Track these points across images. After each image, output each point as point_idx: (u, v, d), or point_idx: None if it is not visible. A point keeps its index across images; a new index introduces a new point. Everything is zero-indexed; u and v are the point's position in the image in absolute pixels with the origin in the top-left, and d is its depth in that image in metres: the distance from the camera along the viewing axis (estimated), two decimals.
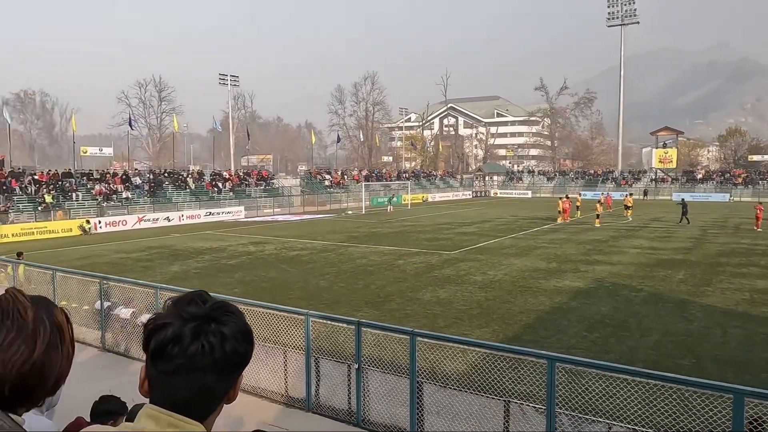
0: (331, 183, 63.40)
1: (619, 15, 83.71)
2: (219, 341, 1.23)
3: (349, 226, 36.86)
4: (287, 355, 9.01)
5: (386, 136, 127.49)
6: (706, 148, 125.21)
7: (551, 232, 32.40)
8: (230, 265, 21.57)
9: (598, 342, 11.62)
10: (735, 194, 68.51)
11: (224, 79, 64.54)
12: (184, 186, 48.65)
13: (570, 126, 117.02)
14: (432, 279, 18.34)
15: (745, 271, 19.30)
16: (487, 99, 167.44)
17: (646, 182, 77.78)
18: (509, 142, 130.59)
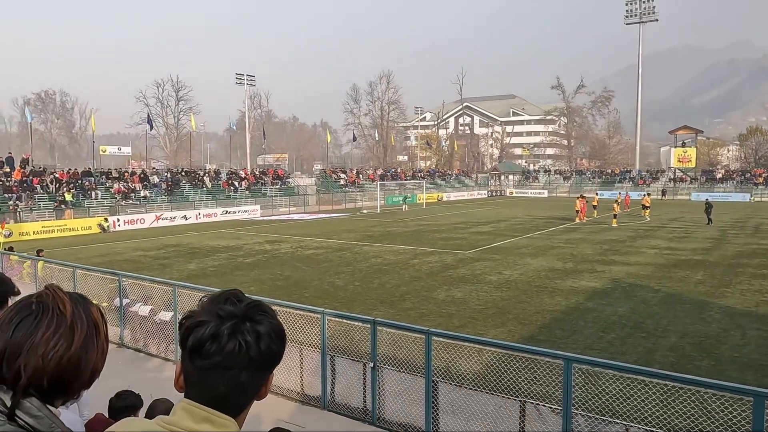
0: (346, 182, 63.54)
1: (637, 12, 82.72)
2: (255, 340, 1.27)
3: (364, 225, 36.93)
4: (303, 353, 9.07)
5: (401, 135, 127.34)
6: (726, 148, 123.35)
7: (567, 231, 32.17)
8: (246, 264, 21.74)
9: (614, 343, 11.53)
10: (756, 194, 67.39)
11: (241, 79, 64.98)
12: (200, 185, 49.10)
13: (587, 125, 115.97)
14: (447, 278, 18.32)
15: (766, 272, 19.00)
16: (503, 98, 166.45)
17: (664, 182, 76.81)
18: (525, 141, 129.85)
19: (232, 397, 1.27)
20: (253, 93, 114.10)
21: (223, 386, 1.26)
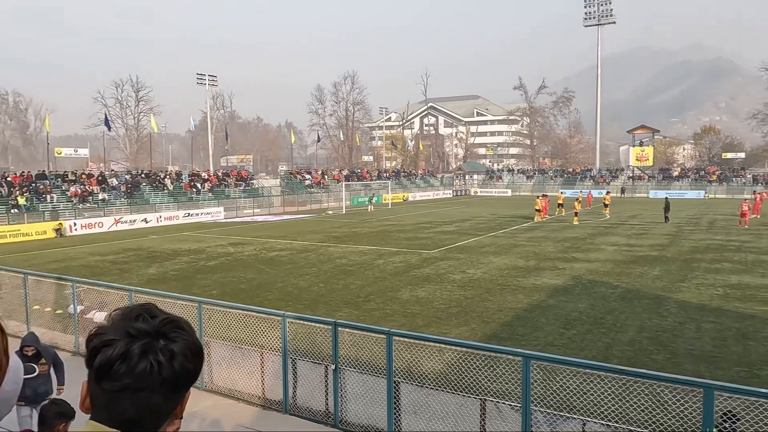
0: (311, 183, 63.16)
1: (595, 15, 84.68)
2: (168, 359, 1.18)
3: (329, 226, 36.75)
4: (264, 357, 8.93)
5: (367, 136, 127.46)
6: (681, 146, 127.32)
7: (530, 230, 32.67)
8: (209, 267, 21.36)
9: (575, 339, 11.73)
10: (710, 191, 69.80)
11: (202, 79, 63.85)
12: (162, 187, 48.06)
13: (549, 125, 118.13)
14: (412, 278, 18.36)
15: (719, 267, 19.66)
16: (467, 98, 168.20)
17: (623, 180, 78.83)
18: (489, 141, 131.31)
19: (143, 419, 1.18)
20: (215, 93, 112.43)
21: (133, 409, 1.16)
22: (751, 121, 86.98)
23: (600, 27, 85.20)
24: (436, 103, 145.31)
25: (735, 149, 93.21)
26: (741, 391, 5.89)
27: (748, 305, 14.23)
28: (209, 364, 9.46)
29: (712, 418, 5.39)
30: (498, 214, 44.73)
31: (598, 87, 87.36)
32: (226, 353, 9.36)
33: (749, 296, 15.22)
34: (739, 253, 22.85)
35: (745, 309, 13.87)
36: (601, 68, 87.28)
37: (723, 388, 5.59)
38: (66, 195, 40.24)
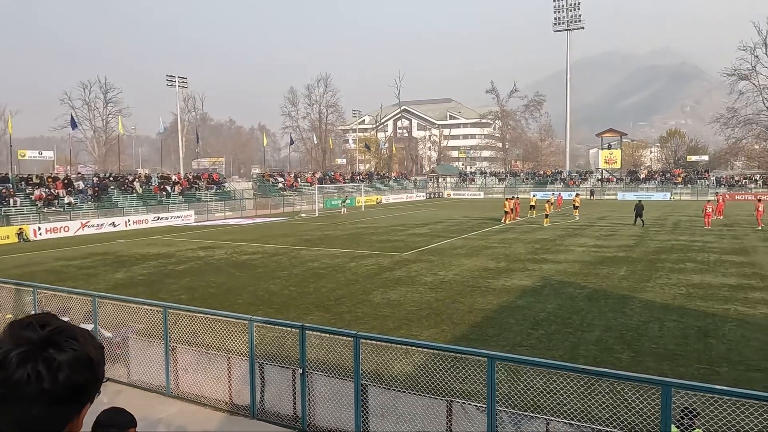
0: (284, 185, 62.76)
1: (564, 20, 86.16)
2: (50, 369, 1.12)
3: (301, 229, 36.56)
4: (231, 362, 8.84)
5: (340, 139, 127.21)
6: (648, 149, 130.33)
7: (502, 232, 33.01)
8: (178, 271, 21.04)
9: (542, 339, 11.89)
10: (675, 193, 71.54)
11: (172, 81, 62.93)
12: (130, 190, 47.19)
13: (520, 128, 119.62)
14: (383, 281, 18.38)
15: (682, 267, 20.16)
16: (440, 101, 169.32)
17: (592, 182, 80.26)
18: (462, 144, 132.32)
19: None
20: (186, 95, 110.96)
21: (11, 422, 1.10)
22: (715, 124, 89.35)
23: (569, 32, 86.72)
24: (409, 106, 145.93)
25: (699, 152, 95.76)
26: (698, 388, 6.04)
27: (710, 304, 14.62)
28: (175, 371, 9.32)
29: (669, 415, 5.52)
30: (470, 216, 45.10)
31: (567, 91, 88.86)
32: (192, 359, 9.23)
33: (711, 295, 15.64)
34: (702, 253, 23.46)
35: (707, 308, 14.24)
36: (570, 72, 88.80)
37: (680, 385, 5.74)
38: (30, 199, 39.20)
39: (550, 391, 7.75)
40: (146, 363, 9.67)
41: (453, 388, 7.64)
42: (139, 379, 9.74)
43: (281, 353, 9.36)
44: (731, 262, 21.00)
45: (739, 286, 16.74)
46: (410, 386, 7.70)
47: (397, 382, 8.07)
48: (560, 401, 7.47)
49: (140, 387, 9.64)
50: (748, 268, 19.70)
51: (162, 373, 9.34)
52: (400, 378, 8.39)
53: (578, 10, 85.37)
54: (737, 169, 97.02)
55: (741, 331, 12.22)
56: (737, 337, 11.79)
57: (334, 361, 8.58)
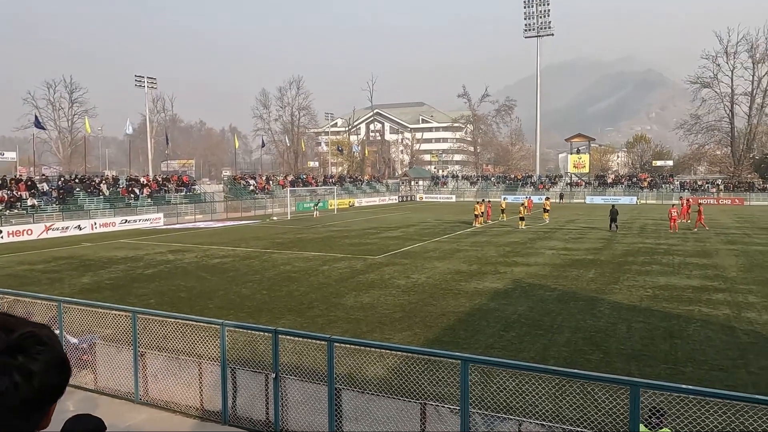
0: (255, 188, 62.17)
1: (534, 27, 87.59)
2: (26, 379, 1.10)
3: (273, 232, 36.27)
4: (202, 367, 8.71)
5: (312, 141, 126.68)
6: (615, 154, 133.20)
7: (473, 235, 33.30)
8: (146, 275, 20.65)
9: (514, 341, 12.02)
10: (641, 197, 73.27)
11: (141, 82, 61.82)
12: (97, 192, 46.13)
13: (491, 132, 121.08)
14: (356, 284, 18.35)
15: (648, 269, 20.64)
16: (413, 105, 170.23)
17: (562, 186, 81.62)
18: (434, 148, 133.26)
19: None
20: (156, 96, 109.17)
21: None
22: (679, 130, 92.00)
23: (539, 38, 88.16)
24: (382, 110, 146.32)
25: (664, 157, 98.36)
26: (665, 388, 6.20)
27: (675, 305, 15.00)
28: (144, 377, 9.14)
29: (638, 414, 5.64)
30: (442, 219, 45.37)
31: (537, 96, 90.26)
32: (162, 364, 9.07)
33: (676, 297, 16.04)
34: (667, 255, 24.06)
35: (672, 309, 14.61)
36: (540, 78, 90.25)
37: (647, 385, 5.87)
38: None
39: (522, 393, 7.84)
40: (114, 369, 9.46)
41: (426, 391, 7.67)
42: (107, 386, 9.52)
43: (254, 358, 9.27)
44: (695, 265, 21.60)
45: (703, 288, 17.22)
46: (384, 389, 7.70)
47: (371, 386, 8.07)
48: (532, 402, 7.57)
49: (108, 394, 9.43)
50: (710, 270, 20.29)
51: (130, 380, 9.16)
52: (373, 381, 8.39)
53: (548, 17, 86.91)
54: (700, 174, 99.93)
55: (704, 331, 12.57)
56: (701, 337, 12.13)
57: (308, 365, 8.54)
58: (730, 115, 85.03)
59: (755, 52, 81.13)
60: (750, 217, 46.88)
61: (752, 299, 15.67)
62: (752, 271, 20.19)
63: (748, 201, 68.64)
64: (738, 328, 12.84)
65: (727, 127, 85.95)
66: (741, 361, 10.59)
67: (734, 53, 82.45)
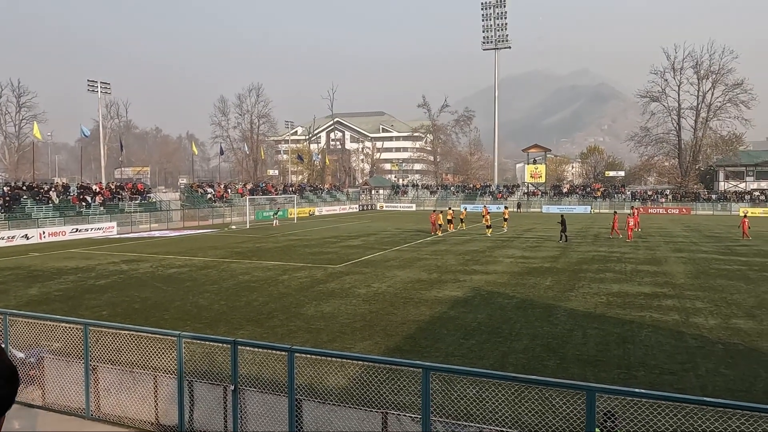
0: (213, 197, 61.09)
1: (492, 39, 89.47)
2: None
3: (232, 242, 35.69)
4: (158, 380, 8.47)
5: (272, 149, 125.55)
6: (570, 165, 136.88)
7: (434, 243, 33.57)
8: (99, 286, 19.97)
9: (474, 349, 12.15)
10: (595, 206, 75.39)
11: (94, 86, 60.07)
12: (46, 200, 44.44)
13: (451, 142, 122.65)
14: (316, 293, 18.22)
15: (602, 277, 21.23)
16: (373, 114, 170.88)
17: (519, 195, 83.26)
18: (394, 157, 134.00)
19: None
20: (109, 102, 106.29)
21: None
22: (630, 142, 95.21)
23: (497, 51, 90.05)
24: (342, 119, 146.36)
25: (616, 168, 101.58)
26: (619, 392, 6.37)
27: (627, 311, 15.47)
28: (96, 392, 8.82)
29: (594, 418, 5.78)
30: (403, 228, 45.58)
31: (495, 107, 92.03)
32: (115, 378, 8.78)
33: (628, 303, 16.55)
34: (620, 263, 24.81)
35: (625, 315, 15.06)
36: (498, 89, 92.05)
37: (602, 389, 6.02)
38: None
39: (482, 399, 7.93)
40: (64, 384, 9.10)
41: (388, 400, 7.67)
42: (56, 402, 9.14)
43: (212, 370, 9.08)
44: (646, 272, 22.33)
45: (653, 294, 17.81)
46: (345, 399, 7.66)
47: (332, 396, 8.02)
48: (492, 409, 7.65)
49: (57, 410, 9.05)
50: (660, 278, 21.01)
51: (81, 395, 8.82)
52: (334, 391, 8.33)
53: (505, 30, 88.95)
54: (650, 184, 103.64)
55: (655, 336, 13.00)
56: (652, 342, 12.53)
57: (268, 376, 8.41)
58: (677, 128, 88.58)
59: (700, 68, 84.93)
60: (696, 225, 48.87)
61: (699, 305, 16.30)
62: (699, 277, 21.02)
63: (695, 210, 71.54)
64: (686, 333, 13.33)
65: (674, 140, 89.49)
66: (689, 365, 10.99)
67: (681, 69, 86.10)
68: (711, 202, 73.39)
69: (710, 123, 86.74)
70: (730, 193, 75.99)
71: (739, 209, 68.89)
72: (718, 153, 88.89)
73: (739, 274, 21.70)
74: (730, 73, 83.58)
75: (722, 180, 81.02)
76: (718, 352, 11.79)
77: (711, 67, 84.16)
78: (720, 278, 20.81)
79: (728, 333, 13.26)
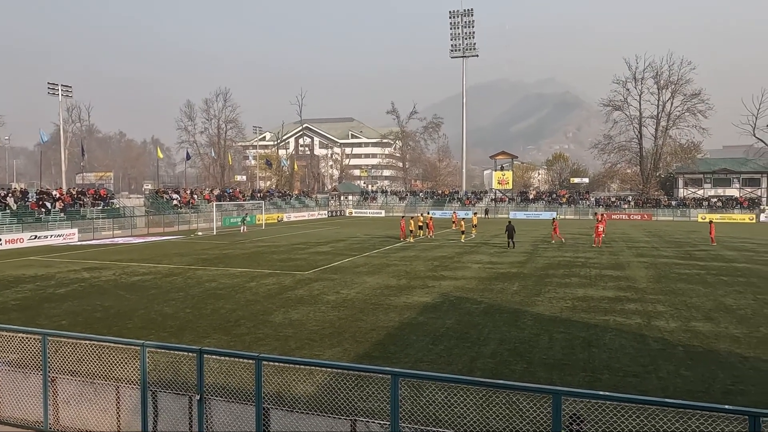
0: (179, 202, 60.03)
1: (460, 47, 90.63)
2: None
3: (198, 248, 35.10)
4: (120, 391, 8.25)
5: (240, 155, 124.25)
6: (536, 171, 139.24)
7: (403, 249, 33.65)
8: (58, 295, 19.38)
9: (442, 354, 12.20)
10: (561, 212, 76.79)
11: (54, 89, 58.47)
12: (2, 206, 42.96)
13: (420, 148, 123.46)
14: (285, 300, 18.06)
15: (568, 281, 21.61)
16: (342, 120, 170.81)
17: (487, 202, 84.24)
18: (363, 163, 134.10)
19: None
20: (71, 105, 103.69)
21: None
22: (593, 150, 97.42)
23: (465, 59, 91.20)
24: (311, 124, 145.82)
25: (581, 175, 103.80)
26: (584, 395, 6.48)
27: (592, 315, 15.77)
28: (55, 404, 8.54)
29: (560, 421, 5.86)
30: (372, 234, 45.59)
31: (463, 114, 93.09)
32: (76, 390, 8.51)
33: (593, 307, 16.88)
34: (584, 268, 25.30)
35: (590, 319, 15.35)
36: (466, 97, 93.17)
37: (568, 393, 6.12)
38: None
39: (450, 405, 7.96)
40: (20, 397, 8.77)
41: (357, 407, 7.63)
42: (12, 416, 8.81)
43: (177, 379, 8.88)
44: (609, 276, 22.83)
45: (617, 299, 18.21)
46: (313, 407, 7.59)
47: (300, 404, 7.93)
48: (460, 414, 7.69)
49: (12, 424, 8.73)
50: (623, 282, 21.51)
51: (39, 408, 8.52)
52: (303, 399, 8.25)
53: (473, 38, 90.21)
54: (613, 190, 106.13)
55: (619, 340, 13.28)
56: (616, 345, 12.80)
57: (235, 385, 8.28)
58: (639, 136, 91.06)
59: (659, 78, 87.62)
60: (657, 231, 50.23)
61: (660, 308, 16.74)
62: (660, 282, 21.59)
63: (656, 216, 73.58)
64: (648, 336, 13.66)
65: (636, 148, 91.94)
66: (651, 367, 11.25)
67: (641, 79, 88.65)
68: (671, 208, 75.59)
69: (670, 131, 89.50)
70: (689, 199, 78.43)
71: (699, 215, 71.13)
72: (678, 161, 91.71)
73: (698, 278, 22.38)
74: (688, 84, 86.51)
75: (681, 187, 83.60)
76: (679, 355, 12.11)
77: (670, 78, 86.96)
78: (680, 282, 21.42)
79: (688, 336, 13.65)
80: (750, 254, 31.16)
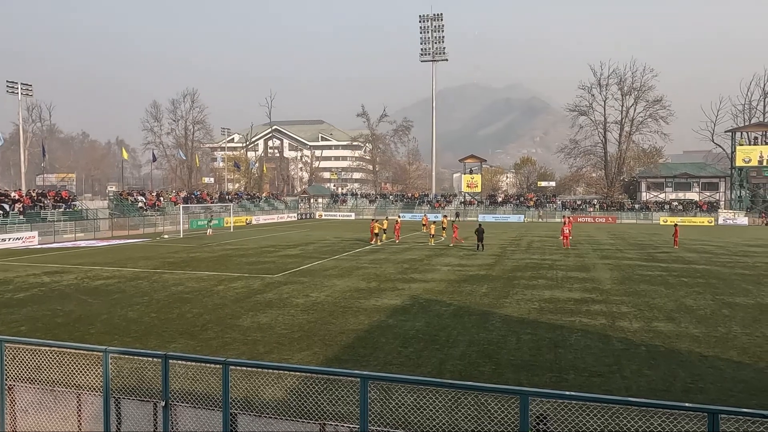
0: (145, 205, 58.83)
1: (430, 52, 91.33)
2: None
3: (164, 252, 34.44)
4: (81, 399, 8.02)
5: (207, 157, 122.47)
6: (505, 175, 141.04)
7: (373, 252, 33.65)
8: (17, 299, 18.76)
9: (412, 357, 12.23)
10: (528, 215, 77.95)
11: (13, 87, 56.69)
12: None
13: (390, 151, 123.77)
14: (253, 304, 17.85)
15: (535, 283, 21.93)
16: (312, 122, 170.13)
17: (456, 205, 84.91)
18: (333, 166, 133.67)
19: None
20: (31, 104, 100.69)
21: None
22: (560, 154, 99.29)
23: (434, 63, 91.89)
24: (281, 126, 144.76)
25: (548, 178, 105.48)
26: (551, 395, 6.58)
27: (559, 317, 16.03)
28: (12, 413, 8.24)
29: (527, 421, 5.93)
30: (342, 237, 45.46)
31: (433, 117, 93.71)
32: (34, 398, 8.24)
33: (559, 309, 17.16)
34: (551, 270, 25.71)
35: (556, 320, 15.60)
36: (436, 100, 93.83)
37: (536, 393, 6.19)
38: None
39: (420, 407, 7.98)
40: None
41: (326, 411, 7.59)
42: None
43: (141, 386, 8.69)
44: (575, 278, 23.26)
45: (582, 300, 18.56)
46: (282, 412, 7.52)
47: (269, 409, 7.84)
48: (430, 416, 7.72)
49: None
50: (589, 284, 21.93)
51: None
52: (271, 404, 8.16)
53: (442, 43, 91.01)
54: (579, 194, 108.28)
55: (584, 340, 13.53)
56: (581, 346, 13.04)
57: (201, 390, 8.13)
58: (604, 141, 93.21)
59: (623, 84, 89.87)
60: (621, 233, 51.41)
61: (624, 309, 17.12)
62: (624, 283, 22.09)
63: (620, 219, 75.30)
64: (613, 336, 13.95)
65: (601, 152, 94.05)
66: (616, 367, 11.50)
67: (606, 85, 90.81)
68: (634, 211, 77.45)
69: (633, 136, 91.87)
70: (652, 203, 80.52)
71: (660, 218, 73.07)
72: (641, 165, 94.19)
73: (660, 280, 22.98)
74: (650, 90, 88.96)
75: (644, 191, 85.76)
76: (642, 354, 12.40)
77: (633, 84, 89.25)
78: (643, 283, 21.95)
79: (650, 335, 13.99)
80: (709, 256, 32.14)
